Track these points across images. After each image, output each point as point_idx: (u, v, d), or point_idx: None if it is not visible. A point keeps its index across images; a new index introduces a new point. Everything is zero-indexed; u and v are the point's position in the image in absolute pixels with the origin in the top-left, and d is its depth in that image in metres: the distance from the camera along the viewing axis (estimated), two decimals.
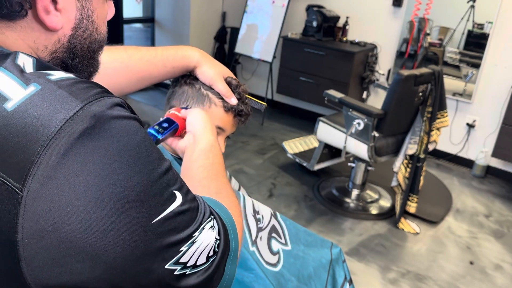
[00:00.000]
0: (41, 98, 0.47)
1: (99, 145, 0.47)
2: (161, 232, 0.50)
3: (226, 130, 1.01)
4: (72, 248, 0.46)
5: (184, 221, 0.53)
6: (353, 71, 3.82)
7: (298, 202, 2.99)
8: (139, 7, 5.03)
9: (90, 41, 0.59)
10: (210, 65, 0.98)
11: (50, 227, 0.45)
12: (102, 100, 0.49)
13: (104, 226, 0.47)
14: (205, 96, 0.98)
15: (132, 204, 0.48)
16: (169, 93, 1.03)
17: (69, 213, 0.45)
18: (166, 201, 0.51)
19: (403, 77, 2.50)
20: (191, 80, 0.99)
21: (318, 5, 4.09)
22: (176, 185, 0.54)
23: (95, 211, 0.46)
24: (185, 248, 0.53)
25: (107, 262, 0.47)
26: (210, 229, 0.57)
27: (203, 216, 0.56)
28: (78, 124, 0.46)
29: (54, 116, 0.46)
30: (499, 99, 3.46)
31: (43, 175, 0.45)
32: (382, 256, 2.50)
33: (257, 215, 1.09)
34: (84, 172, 0.46)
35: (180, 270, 0.53)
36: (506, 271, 2.49)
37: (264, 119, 4.34)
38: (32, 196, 0.45)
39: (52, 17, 0.53)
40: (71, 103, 0.47)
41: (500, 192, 3.41)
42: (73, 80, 0.50)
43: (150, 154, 0.51)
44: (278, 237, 1.12)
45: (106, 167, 0.47)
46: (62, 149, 0.45)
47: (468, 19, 3.55)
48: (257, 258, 1.03)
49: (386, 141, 2.74)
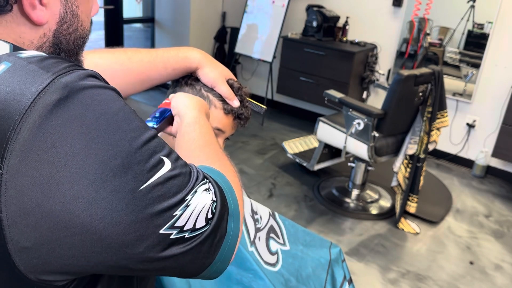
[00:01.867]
0: (11, 74, 0.47)
1: (74, 115, 0.46)
2: (151, 198, 0.49)
3: (225, 132, 1.01)
4: (59, 222, 0.45)
5: (176, 185, 0.52)
6: (353, 71, 3.82)
7: (298, 202, 2.99)
8: (139, 7, 5.03)
9: (75, 37, 0.59)
10: (212, 67, 0.97)
11: (33, 203, 0.44)
12: (73, 72, 0.49)
13: (89, 196, 0.46)
14: (206, 98, 0.98)
15: (116, 172, 0.47)
16: (169, 94, 1.02)
17: (51, 187, 0.45)
18: (153, 167, 0.50)
19: (403, 77, 2.50)
20: (192, 81, 0.99)
21: (318, 5, 4.09)
22: (163, 152, 0.53)
23: (78, 182, 0.45)
24: (179, 212, 0.51)
25: (97, 233, 0.46)
26: (205, 191, 0.55)
27: (196, 180, 0.55)
28: (50, 96, 0.46)
29: (25, 90, 0.46)
30: (499, 99, 3.46)
31: (20, 150, 0.44)
32: (382, 256, 2.50)
33: (255, 215, 1.09)
34: (61, 143, 0.45)
35: (176, 234, 0.51)
36: (506, 271, 2.49)
37: (264, 119, 4.34)
38: (11, 172, 0.44)
39: (37, 12, 0.53)
40: (42, 76, 0.47)
41: (500, 192, 3.41)
42: (43, 56, 0.51)
43: (130, 121, 0.50)
44: (276, 237, 1.12)
45: (84, 137, 0.46)
46: (37, 121, 0.45)
47: (468, 19, 3.55)
48: (256, 258, 1.03)
49: (386, 141, 2.74)
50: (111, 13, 4.32)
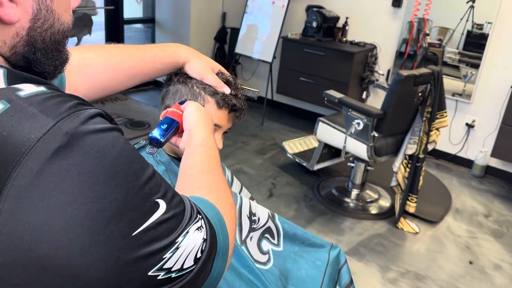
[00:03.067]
0: (9, 117, 0.45)
1: (72, 163, 0.45)
2: (143, 243, 0.49)
3: (222, 126, 1.02)
4: (51, 266, 0.45)
5: (168, 228, 0.52)
6: (352, 72, 3.83)
7: (298, 202, 3.00)
8: (139, 8, 5.04)
9: (52, 33, 0.56)
10: (198, 59, 0.99)
11: (26, 246, 0.44)
12: (75, 115, 0.48)
13: (83, 243, 0.46)
14: (198, 94, 0.99)
15: (110, 220, 0.47)
16: (163, 93, 1.04)
17: (45, 233, 0.44)
18: (148, 212, 0.50)
19: (402, 77, 2.51)
20: (184, 79, 1.00)
21: (318, 6, 4.09)
22: (159, 193, 0.52)
23: (72, 229, 0.45)
24: (169, 255, 0.52)
25: (88, 276, 0.47)
26: (197, 230, 0.56)
27: (189, 219, 0.55)
28: (50, 143, 0.45)
29: (24, 136, 0.44)
30: (499, 99, 3.47)
31: (15, 196, 0.44)
32: (381, 256, 2.51)
33: (253, 216, 1.09)
34: (58, 192, 0.45)
35: (164, 275, 0.52)
36: (505, 270, 2.49)
37: (264, 119, 4.35)
38: (5, 217, 0.44)
39: (6, 9, 0.50)
40: (42, 121, 0.46)
41: (499, 192, 3.41)
42: (44, 95, 0.48)
43: (129, 166, 0.50)
44: (271, 238, 1.12)
45: (81, 185, 0.46)
46: (34, 169, 0.44)
47: (467, 19, 3.56)
48: (247, 256, 1.04)
49: (386, 141, 2.75)
50: (111, 14, 4.33)
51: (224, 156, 3.52)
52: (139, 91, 4.83)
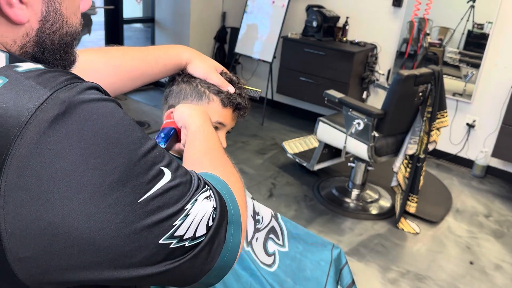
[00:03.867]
0: (8, 90, 0.47)
1: (72, 130, 0.46)
2: (150, 209, 0.49)
3: (226, 124, 1.02)
4: (57, 234, 0.46)
5: (175, 195, 0.52)
6: (353, 71, 3.82)
7: (298, 202, 2.99)
8: (139, 7, 5.03)
9: (61, 34, 0.58)
10: (201, 60, 1.00)
11: (32, 215, 0.45)
12: (71, 86, 0.49)
13: (87, 210, 0.46)
14: (203, 93, 0.99)
15: (114, 186, 0.47)
16: (166, 93, 1.03)
17: (50, 200, 0.45)
18: (153, 179, 0.50)
19: (403, 77, 2.50)
20: (188, 78, 1.00)
21: (318, 5, 4.09)
22: (163, 162, 0.53)
23: (76, 196, 0.46)
24: (179, 222, 0.52)
25: (95, 244, 0.47)
26: (206, 199, 0.56)
27: (196, 188, 0.55)
28: (48, 112, 0.46)
29: (22, 106, 0.46)
30: (499, 99, 3.47)
31: (18, 166, 0.44)
32: (382, 256, 2.51)
33: (257, 216, 1.09)
34: (59, 159, 0.45)
35: (176, 243, 0.52)
36: (506, 271, 2.49)
37: (264, 119, 4.34)
38: (10, 187, 0.44)
39: (16, 10, 0.52)
40: (39, 91, 0.47)
41: (500, 192, 3.41)
42: (41, 70, 0.50)
43: (130, 134, 0.50)
44: (276, 239, 1.11)
45: (83, 152, 0.46)
46: (34, 138, 0.45)
47: (468, 19, 3.55)
48: (253, 258, 1.04)
49: (386, 141, 2.75)
50: (111, 13, 4.32)
51: None
52: (138, 91, 4.83)
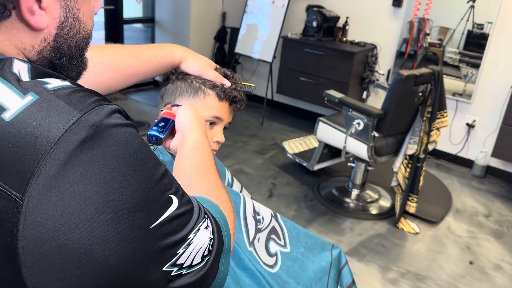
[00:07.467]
0: (39, 108, 0.47)
1: (98, 154, 0.47)
2: (159, 236, 0.51)
3: (223, 119, 1.02)
4: (73, 254, 0.47)
5: (181, 224, 0.54)
6: (353, 71, 3.82)
7: (298, 202, 2.99)
8: (139, 7, 5.03)
9: (77, 39, 0.59)
10: (194, 57, 1.01)
11: (50, 234, 0.46)
12: (99, 109, 0.50)
13: (104, 233, 0.47)
14: (198, 88, 1.00)
15: (131, 210, 0.49)
16: (162, 91, 1.05)
17: (69, 221, 0.46)
18: (164, 206, 0.52)
19: (403, 77, 2.50)
20: (183, 75, 1.01)
21: (318, 5, 4.09)
22: (172, 189, 0.55)
23: (95, 218, 0.47)
24: (182, 250, 0.54)
25: (107, 267, 0.48)
26: (205, 229, 0.58)
27: (197, 217, 0.58)
28: (77, 134, 0.47)
29: (53, 127, 0.46)
30: (499, 99, 3.47)
31: (43, 185, 0.45)
32: (382, 256, 2.51)
33: (258, 216, 1.09)
34: (83, 181, 0.46)
35: (176, 271, 0.54)
36: (506, 271, 2.49)
37: (264, 119, 4.34)
38: (32, 205, 0.45)
39: (37, 17, 0.53)
40: (70, 113, 0.48)
41: (499, 192, 3.41)
42: (70, 89, 0.51)
43: (147, 160, 0.52)
44: (278, 239, 1.12)
45: (105, 176, 0.47)
46: (61, 159, 0.46)
47: (468, 19, 3.55)
48: (255, 259, 1.03)
49: (386, 141, 2.75)
50: (111, 13, 4.32)
51: (224, 156, 3.51)
52: (138, 91, 4.83)
